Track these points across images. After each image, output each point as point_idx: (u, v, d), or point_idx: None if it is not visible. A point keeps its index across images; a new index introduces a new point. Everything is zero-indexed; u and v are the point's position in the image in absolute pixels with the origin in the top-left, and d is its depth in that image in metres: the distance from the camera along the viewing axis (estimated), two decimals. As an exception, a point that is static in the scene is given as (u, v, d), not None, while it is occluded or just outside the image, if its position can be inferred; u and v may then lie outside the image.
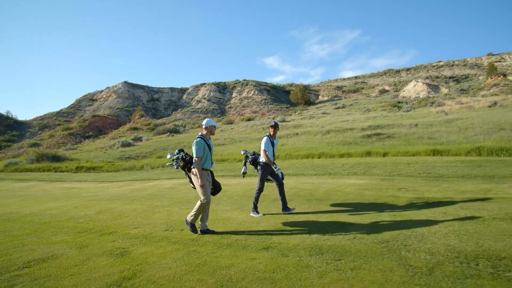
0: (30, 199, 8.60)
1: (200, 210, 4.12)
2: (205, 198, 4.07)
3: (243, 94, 56.23)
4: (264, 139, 5.22)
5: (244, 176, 5.57)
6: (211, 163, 4.27)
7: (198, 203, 4.11)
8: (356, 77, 68.62)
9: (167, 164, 5.18)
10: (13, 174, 18.66)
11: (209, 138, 4.33)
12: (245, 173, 5.37)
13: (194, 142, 4.11)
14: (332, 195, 6.33)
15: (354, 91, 56.27)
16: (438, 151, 12.15)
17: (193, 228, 4.16)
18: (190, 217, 4.18)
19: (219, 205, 5.99)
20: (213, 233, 4.12)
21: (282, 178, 5.28)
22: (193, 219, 4.16)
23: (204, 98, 55.90)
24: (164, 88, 61.95)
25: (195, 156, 4.05)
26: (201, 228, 4.18)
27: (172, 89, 61.96)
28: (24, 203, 7.94)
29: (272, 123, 5.35)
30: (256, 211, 5.05)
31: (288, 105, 50.06)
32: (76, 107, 55.52)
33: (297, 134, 22.74)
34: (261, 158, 5.23)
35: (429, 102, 33.88)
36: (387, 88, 52.95)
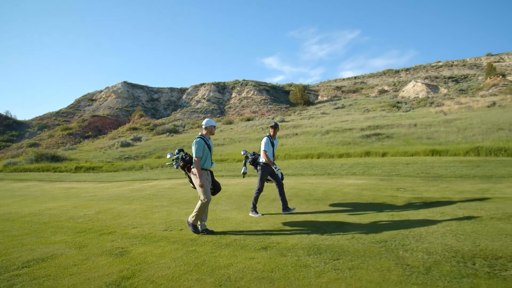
0: (29, 199, 8.60)
1: (201, 210, 4.11)
2: (205, 198, 4.08)
3: (243, 94, 56.26)
4: (264, 139, 5.24)
5: (244, 176, 5.59)
6: (211, 163, 4.28)
7: (199, 203, 4.11)
8: (355, 77, 68.71)
9: (167, 164, 5.18)
10: (12, 174, 18.64)
11: (209, 138, 4.34)
12: (245, 173, 5.39)
13: (194, 142, 4.12)
14: (331, 195, 6.35)
15: (354, 91, 56.34)
16: (437, 151, 12.19)
17: (195, 229, 4.16)
18: (191, 218, 4.17)
19: (218, 205, 6.01)
20: (212, 233, 4.13)
21: (281, 178, 5.31)
22: (194, 220, 4.15)
23: (204, 98, 55.91)
24: (163, 88, 61.94)
25: (194, 156, 4.05)
26: (200, 228, 4.20)
27: (172, 89, 61.97)
28: (23, 203, 7.94)
29: (272, 124, 5.39)
30: (255, 211, 5.07)
31: (288, 105, 50.11)
32: (76, 107, 55.48)
33: (296, 134, 22.77)
34: (261, 159, 5.25)
35: (428, 102, 33.95)
36: (386, 88, 53.03)
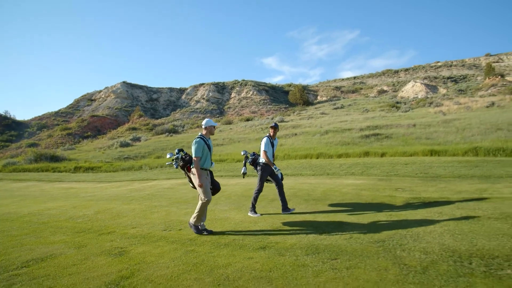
0: (29, 199, 8.60)
1: (202, 210, 4.10)
2: (205, 198, 4.08)
3: (242, 94, 56.27)
4: (264, 139, 5.26)
5: (244, 177, 5.60)
6: (210, 163, 4.29)
7: (199, 204, 4.10)
8: (354, 78, 68.78)
9: (167, 163, 5.20)
10: (11, 174, 18.62)
11: (209, 138, 4.35)
12: (245, 174, 5.41)
13: (193, 142, 4.13)
14: (330, 195, 6.37)
15: (353, 92, 56.40)
16: (436, 151, 12.22)
17: (198, 230, 4.14)
18: (192, 220, 4.16)
19: (217, 205, 6.02)
20: (211, 233, 4.14)
21: (281, 178, 5.33)
22: (196, 220, 4.14)
23: (203, 98, 55.90)
24: (163, 88, 61.91)
25: (194, 156, 4.06)
26: (200, 228, 4.20)
27: (171, 89, 61.93)
28: (22, 203, 7.94)
29: (272, 124, 5.40)
30: (254, 211, 5.09)
31: (287, 105, 50.15)
32: (75, 107, 55.41)
33: (295, 134, 22.79)
34: (261, 159, 5.27)
35: (427, 102, 34.01)
36: (385, 88, 53.10)
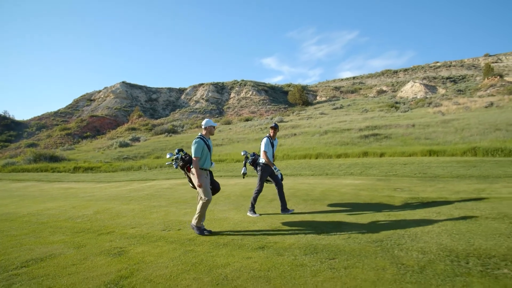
0: (28, 199, 8.60)
1: (203, 211, 4.10)
2: (205, 197, 4.08)
3: (241, 95, 56.28)
4: (264, 140, 5.28)
5: (244, 177, 5.62)
6: (210, 163, 4.30)
7: (200, 204, 4.10)
8: (354, 78, 68.89)
9: (167, 163, 5.21)
10: (11, 175, 18.60)
11: (209, 139, 4.36)
12: (245, 174, 5.42)
13: (193, 142, 4.13)
14: (329, 195, 6.39)
15: (352, 92, 56.46)
16: (434, 152, 12.26)
17: (200, 231, 4.10)
18: (194, 221, 4.15)
19: (216, 205, 6.03)
20: (210, 232, 4.15)
21: (281, 179, 5.34)
22: (197, 221, 4.12)
23: (202, 99, 55.89)
24: (162, 88, 61.88)
25: (193, 156, 4.07)
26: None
27: (170, 89, 61.91)
28: (21, 203, 7.94)
29: (272, 124, 5.43)
30: (253, 211, 5.10)
31: (286, 106, 50.18)
32: (74, 107, 55.35)
33: (294, 134, 22.82)
34: (261, 159, 5.28)
35: (426, 102, 34.07)
36: (384, 88, 53.16)
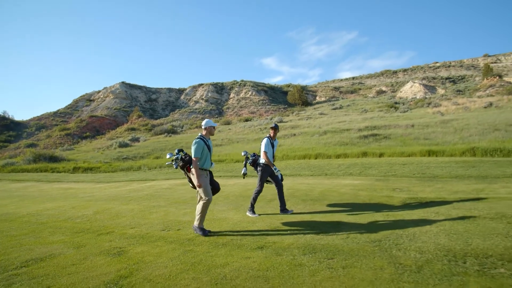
0: (27, 200, 8.61)
1: (204, 211, 4.10)
2: (206, 197, 4.09)
3: (241, 95, 56.30)
4: (265, 140, 5.30)
5: (244, 177, 5.64)
6: (210, 164, 4.31)
7: (201, 205, 4.10)
8: (353, 78, 68.96)
9: (167, 164, 5.23)
10: (10, 175, 18.59)
11: (209, 139, 4.37)
12: (245, 174, 5.44)
13: (193, 142, 4.14)
14: (327, 196, 6.41)
15: (352, 92, 56.51)
16: (433, 152, 12.28)
17: (204, 232, 4.08)
18: (196, 222, 4.14)
19: (216, 206, 6.05)
20: (208, 233, 4.16)
21: (281, 179, 5.36)
22: (199, 222, 4.12)
23: (202, 99, 55.89)
24: (161, 88, 61.87)
25: (193, 157, 4.08)
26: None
27: (170, 90, 61.89)
28: (21, 203, 7.95)
29: (273, 125, 5.44)
30: (252, 211, 5.12)
31: (286, 106, 50.19)
32: (73, 108, 55.33)
33: (294, 134, 22.85)
34: (261, 160, 5.30)
35: (426, 103, 34.12)
36: (384, 89, 53.22)
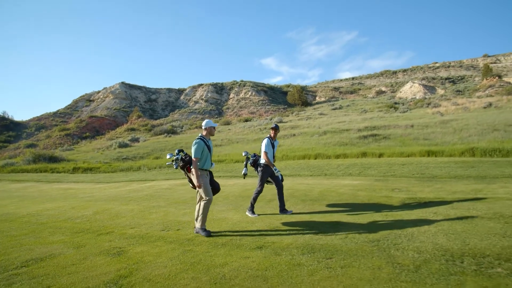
0: (27, 200, 8.62)
1: (205, 211, 4.10)
2: (206, 197, 4.10)
3: (241, 95, 56.32)
4: (265, 140, 5.32)
5: (245, 177, 5.65)
6: (210, 164, 4.32)
7: (202, 205, 4.10)
8: (353, 78, 68.98)
9: (167, 164, 5.24)
10: (10, 175, 18.59)
11: (209, 139, 4.38)
12: (245, 175, 5.46)
13: (193, 142, 4.15)
14: (327, 196, 6.42)
15: (351, 92, 56.55)
16: (433, 152, 12.31)
17: (207, 232, 4.06)
18: (199, 224, 4.13)
19: (215, 206, 6.06)
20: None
21: (281, 180, 5.37)
22: (201, 223, 4.11)
23: (202, 99, 55.91)
24: (161, 88, 61.88)
25: (193, 157, 4.08)
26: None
27: (170, 90, 61.91)
28: (21, 203, 7.96)
29: (273, 125, 5.45)
30: (252, 211, 5.14)
31: (286, 106, 50.22)
32: (73, 108, 55.32)
33: (294, 135, 22.87)
34: (262, 160, 5.32)
35: (425, 103, 34.14)
36: (383, 89, 53.27)
